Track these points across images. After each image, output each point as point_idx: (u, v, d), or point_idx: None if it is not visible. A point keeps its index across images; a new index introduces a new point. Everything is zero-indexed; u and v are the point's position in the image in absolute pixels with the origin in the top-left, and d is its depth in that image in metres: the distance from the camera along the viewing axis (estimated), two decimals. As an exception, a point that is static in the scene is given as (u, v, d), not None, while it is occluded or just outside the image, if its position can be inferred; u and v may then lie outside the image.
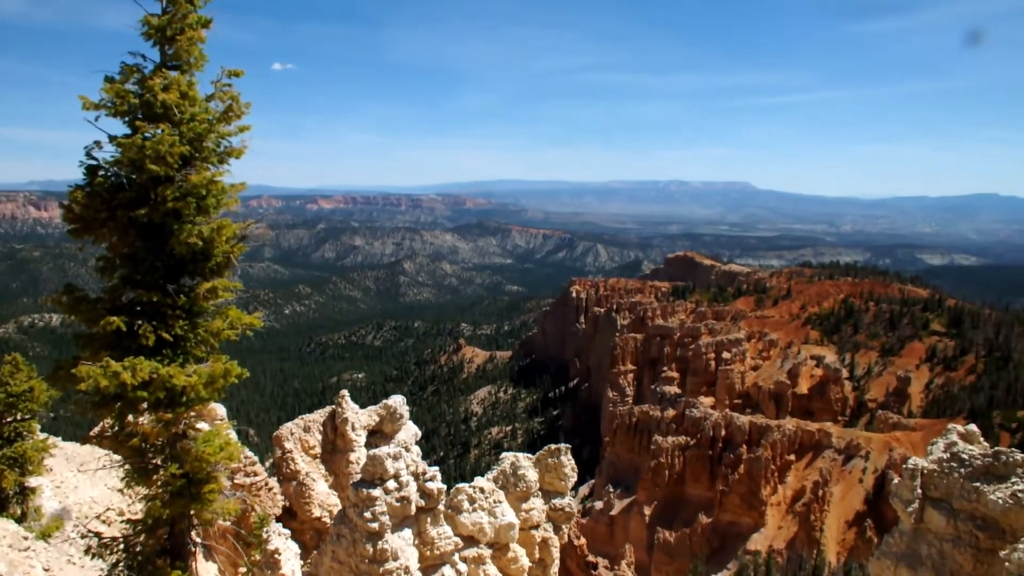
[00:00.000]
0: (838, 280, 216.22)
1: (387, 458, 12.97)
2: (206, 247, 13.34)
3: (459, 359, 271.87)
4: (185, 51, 13.21)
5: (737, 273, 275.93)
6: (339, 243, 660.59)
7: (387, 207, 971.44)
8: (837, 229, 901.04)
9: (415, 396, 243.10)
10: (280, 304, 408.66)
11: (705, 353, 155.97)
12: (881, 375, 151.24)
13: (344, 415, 20.22)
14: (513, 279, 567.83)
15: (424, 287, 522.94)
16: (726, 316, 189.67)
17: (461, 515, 14.77)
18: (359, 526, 12.95)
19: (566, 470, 17.26)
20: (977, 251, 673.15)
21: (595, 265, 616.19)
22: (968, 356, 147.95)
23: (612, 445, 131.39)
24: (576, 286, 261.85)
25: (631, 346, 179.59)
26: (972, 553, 13.32)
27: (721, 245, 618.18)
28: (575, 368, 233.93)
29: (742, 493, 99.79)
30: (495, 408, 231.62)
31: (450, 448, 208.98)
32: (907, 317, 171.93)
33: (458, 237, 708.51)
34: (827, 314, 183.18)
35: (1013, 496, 12.96)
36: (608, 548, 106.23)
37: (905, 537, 14.58)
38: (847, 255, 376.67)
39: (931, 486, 14.50)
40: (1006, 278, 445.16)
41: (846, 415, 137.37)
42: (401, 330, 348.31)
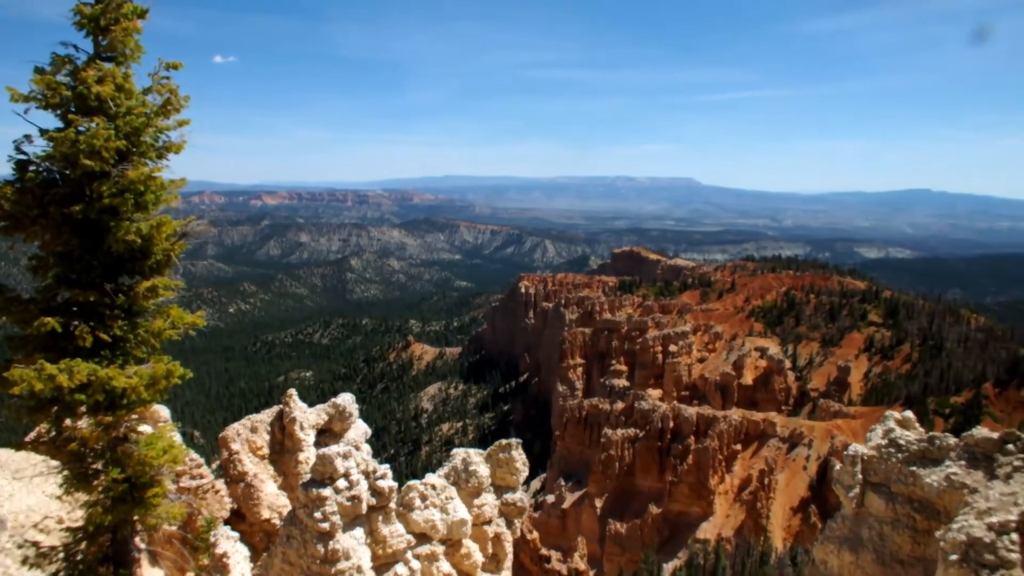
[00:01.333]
0: (780, 273, 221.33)
1: (337, 457, 12.80)
2: (145, 245, 12.95)
3: (408, 356, 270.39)
4: (120, 42, 12.78)
5: (683, 267, 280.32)
6: (284, 240, 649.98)
7: (333, 203, 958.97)
8: (779, 224, 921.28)
9: (364, 394, 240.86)
10: (224, 302, 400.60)
11: (652, 346, 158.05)
12: (822, 365, 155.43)
13: (292, 414, 19.89)
14: (462, 275, 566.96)
15: (372, 284, 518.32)
16: (672, 310, 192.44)
17: (413, 512, 14.67)
18: (309, 526, 12.76)
19: (517, 465, 17.27)
20: (911, 244, 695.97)
21: (543, 260, 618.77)
22: (904, 346, 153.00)
23: (563, 439, 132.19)
24: (525, 282, 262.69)
25: (580, 340, 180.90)
26: (910, 534, 13.77)
27: (667, 240, 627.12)
28: (525, 363, 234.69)
29: (691, 483, 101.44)
30: (445, 404, 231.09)
31: (401, 446, 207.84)
32: (846, 309, 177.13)
33: (406, 233, 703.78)
34: (770, 307, 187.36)
35: (947, 478, 13.42)
36: (560, 541, 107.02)
37: (847, 521, 14.99)
38: (789, 249, 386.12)
39: (871, 471, 14.93)
40: (938, 270, 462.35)
41: (790, 404, 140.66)
42: (349, 327, 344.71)
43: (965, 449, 13.81)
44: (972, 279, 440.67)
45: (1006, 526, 11.05)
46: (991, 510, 11.80)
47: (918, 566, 13.46)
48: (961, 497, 12.93)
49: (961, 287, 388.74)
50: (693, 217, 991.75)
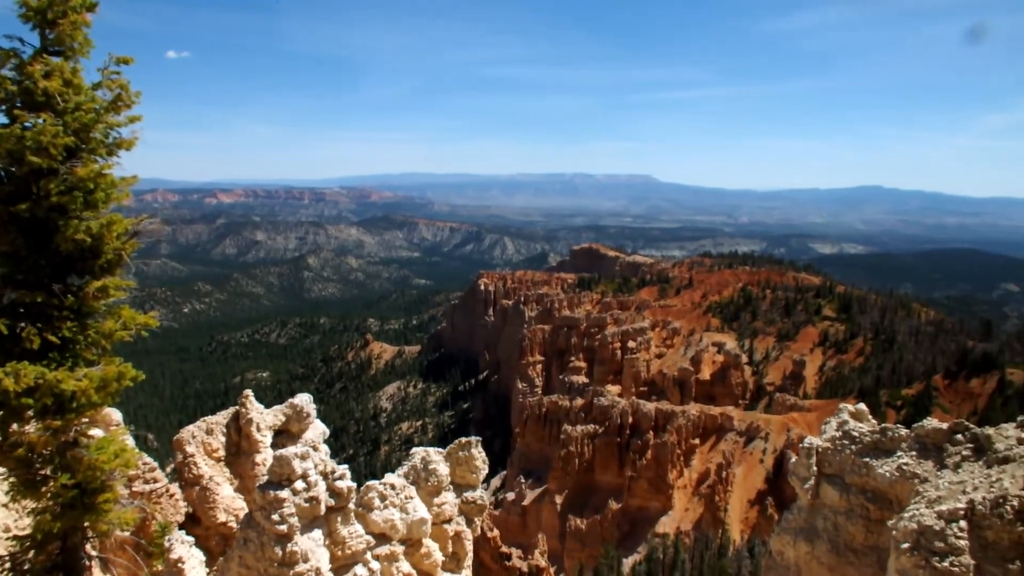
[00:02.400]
0: (737, 269, 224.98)
1: (294, 458, 12.65)
2: (95, 244, 12.63)
3: (367, 355, 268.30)
4: (68, 36, 12.43)
5: (641, 264, 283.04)
6: (240, 238, 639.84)
7: (290, 201, 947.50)
8: (735, 220, 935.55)
9: (322, 394, 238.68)
10: (178, 302, 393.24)
11: (611, 343, 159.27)
12: (778, 359, 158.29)
13: (248, 416, 19.59)
14: (421, 273, 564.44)
15: (329, 282, 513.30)
16: (631, 306, 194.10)
17: (372, 513, 14.56)
18: (267, 529, 12.59)
19: (477, 463, 17.25)
20: (864, 240, 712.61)
21: (502, 258, 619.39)
22: (857, 339, 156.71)
23: (522, 436, 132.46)
24: (484, 279, 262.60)
25: (539, 337, 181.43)
26: (864, 524, 14.09)
27: (625, 237, 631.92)
28: (484, 361, 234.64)
29: (650, 478, 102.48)
30: (405, 403, 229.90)
31: (360, 445, 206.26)
32: (801, 304, 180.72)
33: (364, 231, 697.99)
34: (727, 302, 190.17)
35: (899, 468, 13.76)
36: (521, 538, 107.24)
37: (803, 512, 15.28)
38: (745, 245, 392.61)
39: (825, 463, 15.25)
40: (890, 265, 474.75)
41: (746, 399, 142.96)
42: (306, 327, 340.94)
43: (916, 440, 14.18)
44: (922, 274, 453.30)
45: (955, 514, 11.37)
46: (941, 499, 12.13)
47: (871, 555, 13.79)
48: (912, 487, 13.26)
49: (912, 282, 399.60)
50: (651, 214, 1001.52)
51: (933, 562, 10.94)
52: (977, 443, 13.26)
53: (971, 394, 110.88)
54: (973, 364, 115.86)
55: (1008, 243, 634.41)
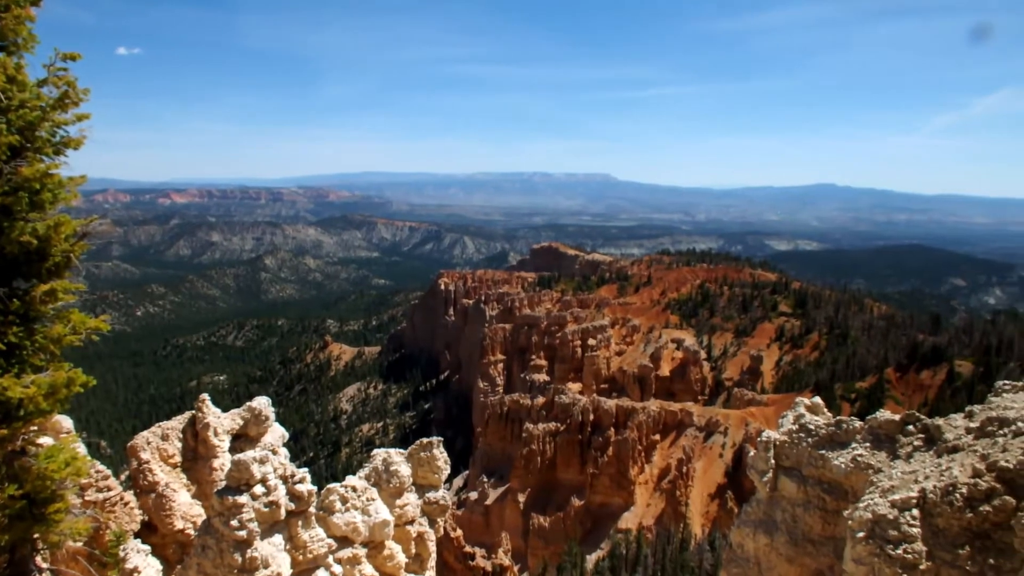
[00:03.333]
0: (695, 267, 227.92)
1: (253, 462, 12.47)
2: (42, 246, 12.27)
3: (326, 356, 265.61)
4: (11, 30, 12.06)
5: (600, 262, 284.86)
6: (195, 239, 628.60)
7: (246, 201, 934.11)
8: (693, 218, 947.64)
9: (281, 397, 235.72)
10: (131, 305, 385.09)
11: (572, 340, 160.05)
12: (736, 355, 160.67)
13: (205, 420, 19.25)
14: (380, 273, 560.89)
15: (287, 283, 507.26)
16: (591, 304, 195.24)
17: (334, 516, 14.42)
18: (226, 535, 12.38)
19: (439, 463, 17.20)
20: (818, 237, 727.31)
21: (462, 257, 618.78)
22: (812, 334, 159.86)
23: (484, 435, 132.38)
24: (444, 278, 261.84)
25: (500, 336, 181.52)
26: (821, 515, 14.35)
27: (584, 235, 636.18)
28: (445, 360, 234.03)
29: (611, 474, 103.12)
30: (365, 405, 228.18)
31: (320, 448, 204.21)
32: (758, 300, 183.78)
33: (322, 231, 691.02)
34: (685, 299, 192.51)
35: (853, 460, 14.05)
36: (485, 537, 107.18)
37: (762, 505, 15.51)
38: (702, 243, 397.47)
39: (783, 456, 15.50)
40: (843, 261, 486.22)
41: (705, 394, 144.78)
42: (264, 329, 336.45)
43: (870, 431, 14.49)
44: (874, 269, 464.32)
45: (908, 502, 11.64)
46: (894, 488, 12.41)
47: (829, 544, 14.05)
48: (867, 477, 13.55)
49: (864, 277, 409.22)
50: (610, 212, 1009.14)
51: (887, 550, 11.19)
52: (928, 433, 13.59)
53: (922, 386, 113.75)
54: (923, 357, 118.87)
55: (955, 239, 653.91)
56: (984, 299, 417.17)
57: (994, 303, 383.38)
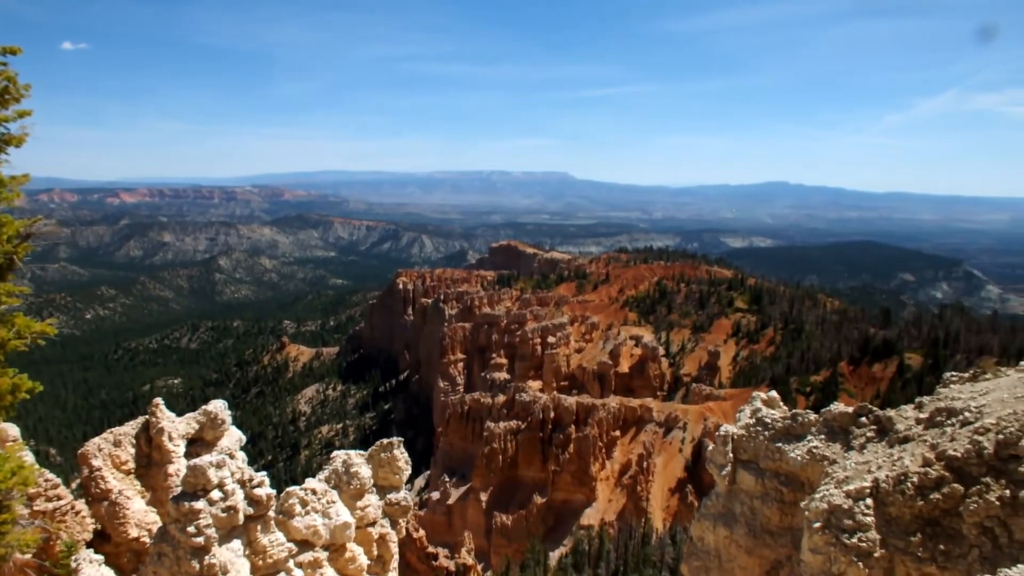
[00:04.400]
0: (652, 264, 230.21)
1: (209, 467, 12.25)
2: (-16, 248, 11.89)
3: (283, 358, 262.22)
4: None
5: (559, 260, 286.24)
6: (146, 240, 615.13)
7: (199, 200, 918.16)
8: (650, 216, 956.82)
9: (238, 399, 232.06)
10: (80, 308, 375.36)
11: (531, 338, 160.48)
12: (694, 351, 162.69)
13: (159, 425, 18.85)
14: (337, 272, 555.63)
15: (242, 284, 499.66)
16: (550, 302, 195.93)
17: (294, 519, 14.24)
18: (182, 542, 12.14)
19: (400, 464, 17.11)
20: (772, 234, 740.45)
21: (421, 256, 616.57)
22: (768, 329, 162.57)
23: (445, 434, 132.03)
24: (402, 278, 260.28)
25: (459, 335, 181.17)
26: (778, 507, 14.58)
27: (543, 233, 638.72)
28: (405, 360, 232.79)
29: (573, 471, 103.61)
30: (324, 406, 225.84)
31: (279, 451, 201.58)
32: (714, 296, 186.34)
33: (277, 231, 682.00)
34: (643, 296, 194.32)
35: (809, 452, 14.31)
36: (447, 537, 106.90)
37: (721, 498, 15.72)
38: (659, 240, 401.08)
39: (741, 449, 15.72)
40: (797, 258, 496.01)
41: (664, 390, 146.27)
42: (219, 331, 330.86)
43: (824, 424, 14.77)
44: (827, 265, 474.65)
45: (862, 492, 11.89)
46: (848, 479, 12.67)
47: (787, 536, 14.29)
48: (822, 468, 13.80)
49: (817, 273, 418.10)
50: (567, 211, 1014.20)
51: (843, 539, 11.42)
52: (880, 425, 13.90)
53: (874, 378, 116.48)
54: (875, 350, 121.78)
55: (904, 235, 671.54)
56: (932, 293, 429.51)
57: (941, 297, 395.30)
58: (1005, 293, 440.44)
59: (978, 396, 12.74)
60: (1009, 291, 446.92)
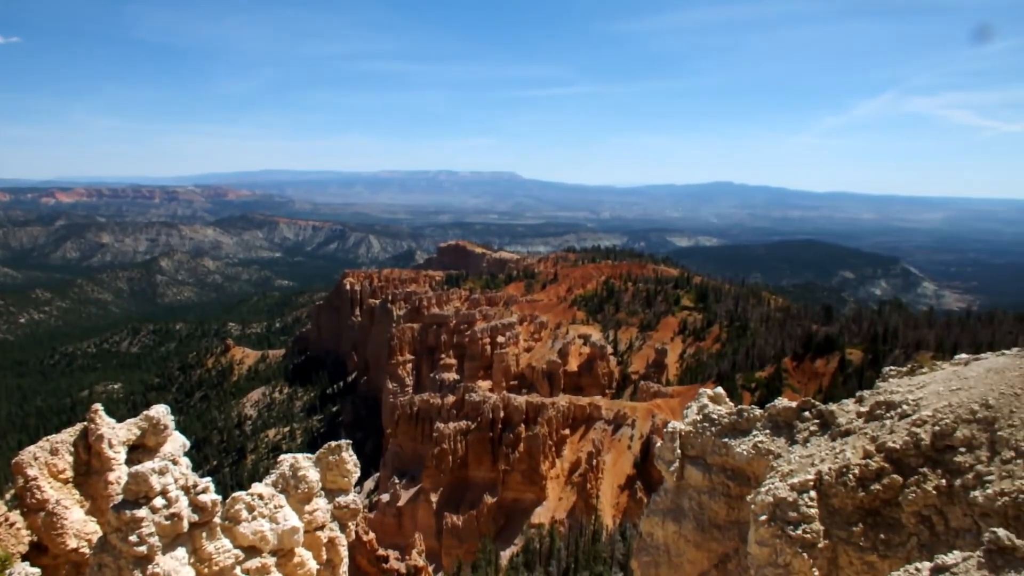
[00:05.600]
0: (600, 263, 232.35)
1: (152, 474, 11.94)
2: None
3: (228, 361, 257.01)
4: None
5: (507, 260, 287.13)
6: (83, 241, 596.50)
7: (139, 200, 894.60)
8: (597, 216, 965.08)
9: (181, 404, 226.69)
10: (13, 312, 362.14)
11: (481, 338, 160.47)
12: (641, 349, 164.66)
13: (99, 431, 18.30)
14: (283, 273, 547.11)
15: (185, 286, 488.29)
16: (499, 302, 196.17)
17: (240, 525, 13.98)
18: (124, 552, 11.82)
19: (348, 466, 16.96)
20: (717, 233, 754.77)
21: (368, 256, 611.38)
22: (714, 327, 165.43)
23: (395, 436, 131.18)
24: (350, 278, 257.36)
25: (408, 336, 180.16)
26: (725, 501, 14.86)
27: (491, 233, 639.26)
28: (353, 362, 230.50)
29: (523, 470, 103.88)
30: (271, 409, 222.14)
31: (224, 456, 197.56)
32: (661, 295, 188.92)
33: (221, 231, 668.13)
34: (591, 295, 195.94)
35: (755, 447, 14.61)
36: (398, 539, 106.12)
37: (669, 494, 15.95)
38: (607, 240, 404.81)
39: (688, 445, 15.97)
40: (742, 256, 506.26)
41: (613, 388, 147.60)
42: (161, 334, 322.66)
43: (769, 419, 15.11)
44: (770, 263, 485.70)
45: (806, 485, 12.19)
46: (793, 472, 12.97)
47: (734, 529, 14.57)
48: (767, 463, 14.11)
49: (761, 271, 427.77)
50: (516, 210, 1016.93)
51: (788, 531, 11.69)
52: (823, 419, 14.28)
53: (816, 374, 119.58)
54: (817, 346, 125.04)
55: (844, 234, 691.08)
56: (871, 290, 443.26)
57: (880, 294, 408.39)
58: (940, 290, 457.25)
59: (915, 389, 13.17)
60: (944, 288, 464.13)
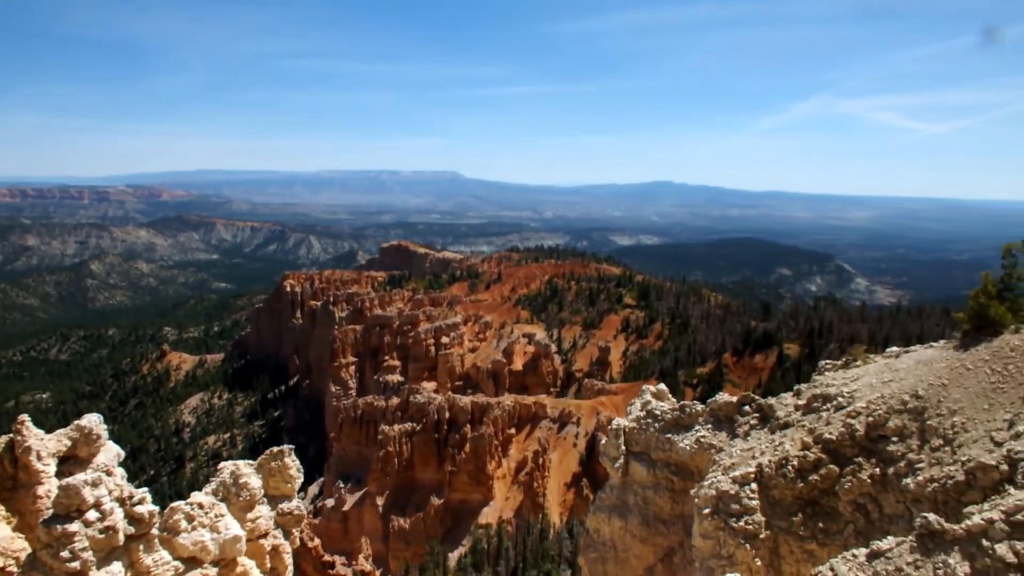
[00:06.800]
0: (543, 263, 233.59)
1: (84, 486, 11.52)
2: None
3: (164, 367, 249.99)
4: None
5: (451, 260, 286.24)
6: (6, 244, 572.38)
7: (66, 201, 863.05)
8: (540, 215, 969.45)
9: (115, 412, 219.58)
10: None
11: (424, 339, 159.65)
12: (585, 347, 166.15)
13: (26, 443, 17.57)
14: (221, 276, 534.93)
15: (117, 290, 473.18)
16: (442, 302, 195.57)
17: (179, 536, 13.60)
18: (55, 568, 11.37)
19: (291, 472, 16.68)
20: (658, 232, 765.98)
21: (309, 257, 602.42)
22: (656, 324, 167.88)
23: (339, 440, 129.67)
24: (290, 280, 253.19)
25: (351, 338, 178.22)
26: (670, 496, 15.08)
27: (434, 233, 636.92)
28: (294, 365, 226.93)
29: (469, 471, 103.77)
30: (210, 416, 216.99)
31: (162, 465, 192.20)
32: (604, 293, 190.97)
33: (155, 233, 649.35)
34: (535, 295, 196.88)
35: (697, 441, 14.87)
36: (344, 544, 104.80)
37: (615, 490, 16.11)
38: (550, 239, 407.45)
39: (632, 442, 16.16)
40: (682, 254, 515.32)
41: (557, 386, 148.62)
42: (93, 340, 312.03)
43: (711, 414, 15.39)
44: (710, 261, 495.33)
45: (747, 477, 12.45)
46: (734, 465, 13.24)
47: (679, 523, 14.79)
48: (710, 457, 14.37)
49: (701, 269, 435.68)
50: (458, 210, 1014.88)
51: (731, 523, 11.91)
52: (762, 412, 14.61)
53: (756, 368, 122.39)
54: (756, 342, 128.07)
55: (781, 232, 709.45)
56: (807, 287, 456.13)
57: (815, 290, 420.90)
58: (872, 285, 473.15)
59: (850, 382, 13.57)
60: (875, 283, 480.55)
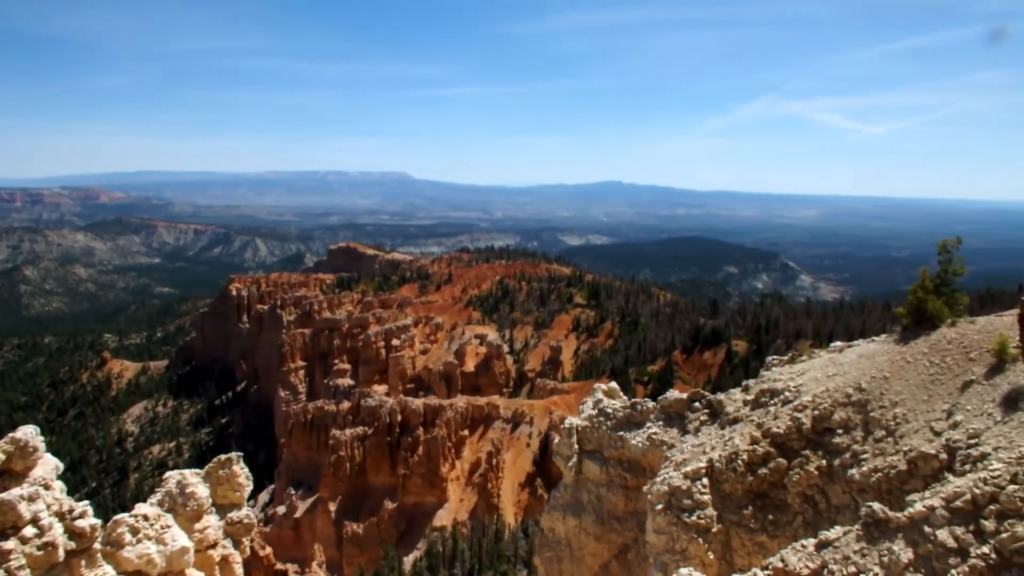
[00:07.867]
0: (494, 263, 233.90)
1: (20, 501, 11.10)
2: None
3: (105, 375, 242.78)
4: None
5: (400, 261, 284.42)
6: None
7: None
8: (490, 216, 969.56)
9: (53, 423, 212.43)
10: None
11: (375, 342, 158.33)
12: (536, 347, 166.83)
13: (-42, 457, 16.87)
14: (163, 280, 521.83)
15: (54, 296, 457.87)
16: (393, 304, 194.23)
17: (124, 550, 13.20)
18: (-10, 587, 10.92)
19: (240, 480, 16.35)
20: (608, 231, 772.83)
21: (255, 260, 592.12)
22: (606, 323, 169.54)
23: (289, 446, 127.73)
24: (235, 283, 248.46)
25: (299, 342, 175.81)
26: (623, 493, 15.18)
27: (383, 234, 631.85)
28: (241, 370, 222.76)
29: (423, 474, 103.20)
30: (154, 424, 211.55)
31: (104, 476, 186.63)
32: (555, 293, 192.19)
33: (93, 236, 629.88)
34: (486, 295, 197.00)
35: (648, 438, 15.01)
36: (296, 552, 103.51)
37: (569, 489, 16.16)
38: (500, 239, 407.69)
39: (585, 440, 16.24)
40: (631, 254, 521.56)
41: (510, 387, 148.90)
42: (27, 348, 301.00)
43: (662, 411, 15.55)
44: (659, 260, 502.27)
45: (698, 473, 12.61)
46: (686, 461, 13.39)
47: (632, 520, 14.91)
48: (662, 453, 14.52)
49: (650, 268, 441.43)
50: (408, 211, 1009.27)
51: (683, 518, 12.05)
52: (712, 408, 14.82)
53: (705, 365, 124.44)
54: (705, 339, 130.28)
55: (728, 231, 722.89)
56: (754, 284, 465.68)
57: (762, 287, 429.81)
58: (816, 282, 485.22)
59: (796, 377, 13.85)
60: (819, 280, 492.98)
